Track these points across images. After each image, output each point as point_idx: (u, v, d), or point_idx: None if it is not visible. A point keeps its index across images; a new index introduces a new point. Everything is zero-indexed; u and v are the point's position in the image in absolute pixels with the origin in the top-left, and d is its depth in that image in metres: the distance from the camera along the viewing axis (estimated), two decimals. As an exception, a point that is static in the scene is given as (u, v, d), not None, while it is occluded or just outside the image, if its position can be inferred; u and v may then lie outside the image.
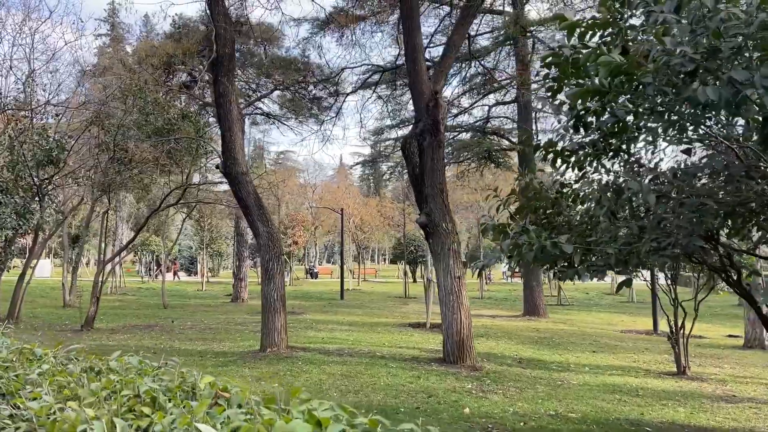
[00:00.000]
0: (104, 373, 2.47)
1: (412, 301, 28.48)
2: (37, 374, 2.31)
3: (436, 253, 10.71)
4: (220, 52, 10.98)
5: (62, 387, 2.20)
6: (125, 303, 25.16)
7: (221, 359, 10.59)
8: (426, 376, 9.34)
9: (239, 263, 27.36)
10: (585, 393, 8.71)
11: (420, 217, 10.93)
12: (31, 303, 20.48)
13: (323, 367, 9.85)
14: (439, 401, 7.81)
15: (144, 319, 18.14)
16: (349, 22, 16.06)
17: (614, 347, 13.86)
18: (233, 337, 13.79)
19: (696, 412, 7.81)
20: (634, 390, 9.07)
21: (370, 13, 18.54)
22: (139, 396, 2.07)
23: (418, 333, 15.14)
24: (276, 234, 11.50)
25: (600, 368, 11.00)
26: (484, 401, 7.93)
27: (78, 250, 25.89)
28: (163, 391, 2.12)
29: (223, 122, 11.28)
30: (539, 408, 7.64)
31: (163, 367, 2.57)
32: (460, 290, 10.56)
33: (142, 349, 11.69)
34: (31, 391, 2.15)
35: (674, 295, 11.01)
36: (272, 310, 11.01)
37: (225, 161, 11.26)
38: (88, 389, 2.08)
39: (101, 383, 2.14)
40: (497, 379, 9.39)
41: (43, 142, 14.11)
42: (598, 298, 32.92)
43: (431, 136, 10.52)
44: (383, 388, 8.51)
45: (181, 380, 2.30)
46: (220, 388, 2.17)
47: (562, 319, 20.70)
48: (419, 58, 10.68)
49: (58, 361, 2.71)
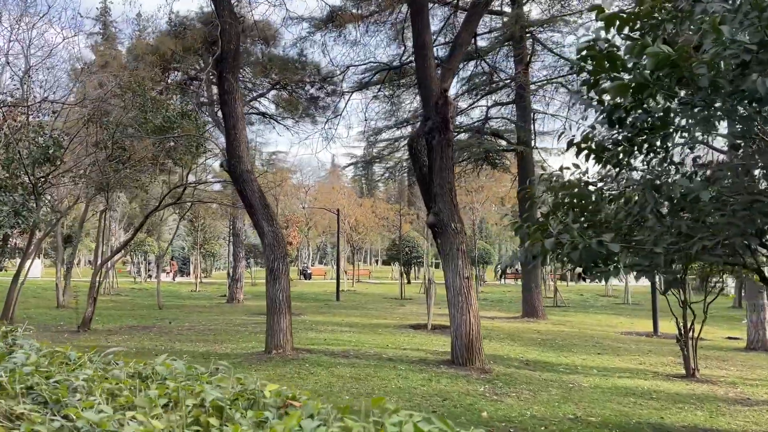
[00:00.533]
0: (152, 379, 2.27)
1: (408, 302, 28.32)
2: (83, 380, 2.11)
3: (444, 254, 10.54)
4: (225, 48, 10.75)
5: (112, 394, 2.00)
6: (119, 304, 24.83)
7: (225, 361, 10.34)
8: (437, 379, 9.17)
9: (235, 264, 27.08)
10: (599, 396, 8.57)
11: (429, 217, 10.75)
12: (23, 304, 20.09)
13: (331, 370, 9.64)
14: (455, 405, 7.64)
15: (140, 320, 17.85)
16: (351, 21, 15.87)
17: (618, 349, 13.76)
18: (234, 338, 13.55)
19: (715, 415, 7.69)
20: (647, 393, 8.94)
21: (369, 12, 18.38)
22: (202, 406, 1.88)
23: (420, 334, 14.96)
24: (281, 234, 11.28)
25: (607, 370, 10.88)
26: (499, 405, 7.76)
27: (72, 250, 25.51)
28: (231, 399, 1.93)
29: (227, 119, 11.05)
30: (557, 412, 7.49)
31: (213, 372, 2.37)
32: (469, 291, 10.39)
33: (143, 350, 11.46)
34: (80, 399, 1.95)
35: (683, 297, 10.92)
36: (278, 311, 10.79)
37: (229, 159, 11.02)
38: (145, 397, 1.89)
39: (157, 391, 1.94)
40: (509, 382, 9.23)
41: (39, 139, 13.82)
42: (593, 299, 32.91)
43: (440, 134, 10.35)
44: (395, 391, 8.32)
45: (241, 387, 2.11)
46: (288, 396, 1.98)
47: (561, 321, 20.61)
48: (429, 56, 10.50)
49: (95, 365, 2.50)
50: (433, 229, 10.71)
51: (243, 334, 14.42)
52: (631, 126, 4.96)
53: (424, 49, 10.53)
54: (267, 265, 11.20)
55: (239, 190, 11.21)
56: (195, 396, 1.94)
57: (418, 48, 10.69)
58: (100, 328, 15.43)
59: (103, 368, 2.50)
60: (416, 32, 10.71)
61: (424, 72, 10.49)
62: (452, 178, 10.57)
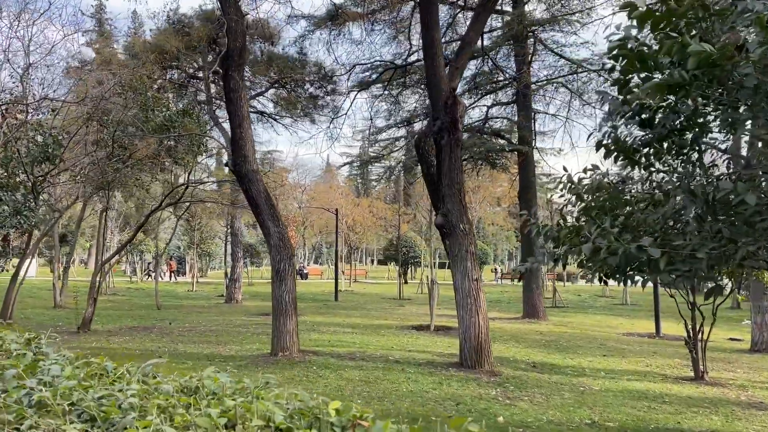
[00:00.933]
0: (201, 394, 2.14)
1: (407, 302, 28.20)
2: (131, 396, 1.98)
3: (453, 255, 10.41)
4: (232, 45, 10.59)
5: (166, 412, 1.87)
6: (117, 304, 24.60)
7: (231, 364, 10.18)
8: (447, 382, 9.05)
9: (233, 264, 26.88)
10: (611, 400, 8.48)
11: (437, 218, 10.62)
12: (20, 303, 19.85)
13: (340, 372, 9.51)
14: (469, 409, 7.53)
15: (139, 321, 17.66)
16: (354, 18, 15.73)
17: (622, 351, 13.68)
18: (237, 339, 13.40)
19: (731, 420, 7.60)
20: (659, 396, 8.85)
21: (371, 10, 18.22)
22: (269, 426, 1.75)
23: (424, 336, 14.85)
24: (287, 234, 11.13)
25: (615, 373, 10.80)
26: (513, 409, 7.66)
27: (69, 249, 25.25)
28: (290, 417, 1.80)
29: (233, 118, 10.89)
30: (573, 416, 7.39)
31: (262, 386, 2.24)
32: (478, 293, 10.28)
33: (146, 352, 11.29)
34: (135, 418, 1.81)
35: (692, 299, 10.85)
36: (284, 312, 10.64)
37: (235, 159, 10.86)
38: (208, 418, 1.76)
39: (217, 410, 1.81)
40: (519, 385, 9.13)
41: (38, 138, 13.62)
42: (591, 300, 32.90)
43: (449, 134, 10.22)
44: (407, 394, 8.20)
45: (300, 404, 1.98)
46: (356, 415, 1.85)
47: (561, 322, 20.54)
48: (438, 54, 10.37)
49: (133, 377, 2.36)
50: (441, 231, 10.58)
51: (245, 335, 14.27)
52: (661, 126, 4.86)
53: (433, 47, 10.40)
54: (273, 265, 11.05)
55: (245, 189, 11.05)
56: (255, 415, 1.81)
57: (427, 46, 10.55)
58: (100, 329, 15.23)
59: (142, 380, 2.36)
60: (425, 30, 10.57)
61: (433, 71, 10.36)
62: (461, 178, 10.45)
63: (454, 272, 10.47)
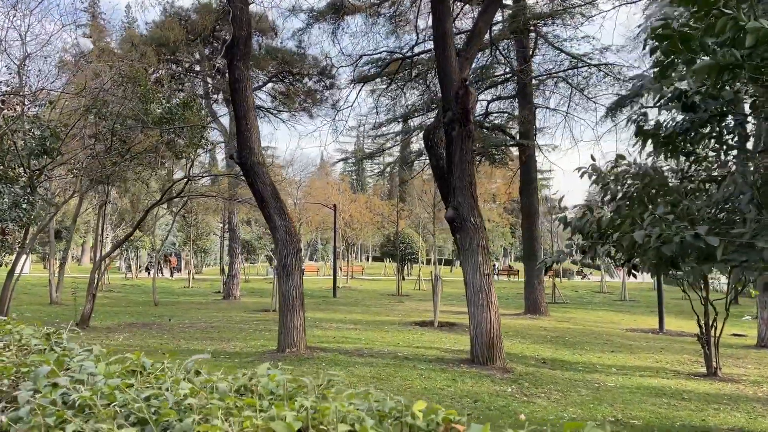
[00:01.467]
0: (257, 395, 1.90)
1: (405, 299, 27.99)
2: (183, 396, 1.74)
3: (464, 249, 10.19)
4: (237, 34, 10.30)
5: (231, 416, 1.63)
6: (114, 300, 24.27)
7: (237, 361, 9.94)
8: (461, 379, 8.84)
9: (231, 260, 26.57)
10: (629, 396, 8.29)
11: (447, 211, 10.39)
12: (15, 300, 19.51)
13: (350, 369, 9.28)
14: (488, 407, 7.32)
15: (138, 317, 17.36)
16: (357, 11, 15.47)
17: (630, 347, 13.52)
18: (240, 336, 13.14)
19: (754, 416, 7.43)
20: (677, 393, 8.67)
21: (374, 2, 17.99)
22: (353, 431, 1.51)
23: (429, 332, 14.65)
24: (293, 228, 10.88)
25: (626, 369, 10.63)
26: (533, 406, 7.46)
27: (65, 245, 24.90)
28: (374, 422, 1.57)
29: (238, 108, 10.60)
30: (594, 413, 7.19)
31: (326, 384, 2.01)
32: (490, 288, 10.07)
33: (149, 349, 11.02)
34: (195, 421, 1.57)
35: (705, 294, 10.69)
36: (291, 308, 10.39)
37: (240, 151, 10.58)
38: (279, 421, 1.52)
39: (290, 414, 1.57)
40: (534, 382, 8.93)
41: (36, 130, 13.30)
42: (589, 296, 32.78)
43: (461, 125, 9.98)
44: (422, 392, 7.99)
45: (377, 404, 1.75)
46: (448, 418, 1.62)
47: (563, 318, 20.37)
48: (449, 44, 10.12)
49: (179, 374, 2.12)
50: (451, 224, 10.34)
51: (247, 331, 14.02)
52: (703, 111, 4.65)
53: (444, 37, 10.14)
54: (279, 260, 10.78)
55: (250, 182, 10.77)
56: (336, 418, 1.58)
57: (439, 37, 10.29)
58: (99, 326, 14.94)
59: (186, 377, 2.12)
60: (437, 21, 10.32)
61: (444, 61, 10.10)
62: (472, 170, 10.22)
63: (464, 267, 10.25)
